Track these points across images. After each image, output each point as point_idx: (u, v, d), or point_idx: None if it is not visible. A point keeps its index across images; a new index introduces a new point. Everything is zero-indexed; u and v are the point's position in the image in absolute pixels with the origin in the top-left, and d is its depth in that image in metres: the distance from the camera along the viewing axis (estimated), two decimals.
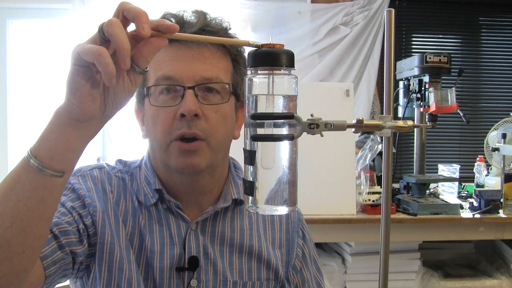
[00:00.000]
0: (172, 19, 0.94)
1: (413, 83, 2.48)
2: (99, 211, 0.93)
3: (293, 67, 0.64)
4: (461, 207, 2.29)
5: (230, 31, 0.99)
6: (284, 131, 0.64)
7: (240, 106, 1.02)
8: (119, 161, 1.06)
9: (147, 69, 0.69)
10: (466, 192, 2.68)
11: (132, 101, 1.00)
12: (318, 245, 2.49)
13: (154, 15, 0.95)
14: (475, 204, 2.31)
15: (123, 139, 2.90)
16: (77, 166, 0.75)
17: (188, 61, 0.92)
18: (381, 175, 0.68)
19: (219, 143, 0.94)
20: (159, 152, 0.95)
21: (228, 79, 0.96)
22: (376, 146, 2.24)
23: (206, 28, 0.93)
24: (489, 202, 2.25)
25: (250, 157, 0.64)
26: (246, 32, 2.92)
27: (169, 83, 0.92)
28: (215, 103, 0.92)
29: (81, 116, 0.66)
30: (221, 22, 0.97)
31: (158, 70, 0.93)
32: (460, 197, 2.59)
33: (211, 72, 0.92)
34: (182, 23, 0.93)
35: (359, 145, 2.36)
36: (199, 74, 0.91)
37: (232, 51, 0.97)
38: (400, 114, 2.60)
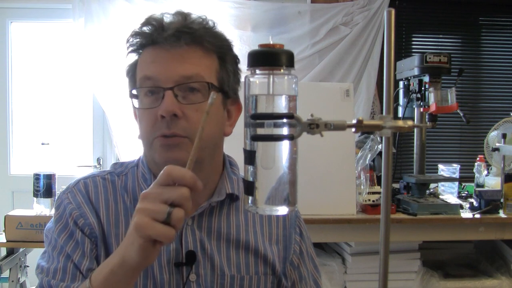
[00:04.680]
0: (154, 22, 0.94)
1: (413, 83, 2.48)
2: (95, 226, 0.96)
3: (293, 67, 0.64)
4: (461, 207, 2.29)
5: (215, 29, 0.97)
6: (284, 131, 0.63)
7: (232, 103, 1.02)
8: (115, 163, 1.08)
9: None
10: (466, 192, 2.68)
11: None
12: (318, 245, 2.49)
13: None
14: (475, 204, 2.30)
15: (123, 140, 2.90)
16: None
17: (167, 62, 0.92)
18: (381, 175, 0.68)
19: (203, 141, 0.93)
20: (146, 149, 0.98)
21: (212, 76, 0.95)
22: (376, 146, 2.24)
23: (183, 29, 0.92)
24: (489, 202, 2.25)
25: (250, 157, 0.64)
26: (246, 32, 2.92)
27: (149, 84, 0.93)
28: (195, 102, 0.92)
29: (148, 265, 0.79)
30: (202, 21, 0.96)
31: (140, 72, 0.95)
32: (460, 197, 2.59)
33: (190, 71, 0.92)
34: (160, 26, 0.93)
35: (359, 145, 2.36)
36: (178, 74, 0.92)
37: (216, 49, 0.96)
38: (400, 114, 2.59)
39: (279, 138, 0.64)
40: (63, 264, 0.93)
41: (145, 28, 0.95)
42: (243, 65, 0.98)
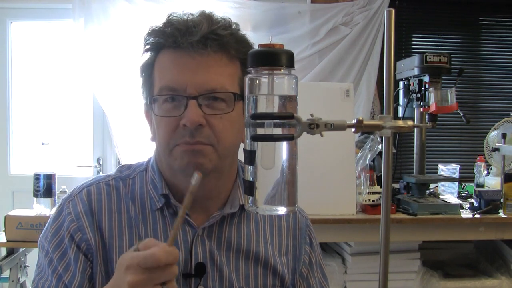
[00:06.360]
0: (177, 24, 0.90)
1: (413, 83, 2.48)
2: (92, 242, 0.93)
3: (293, 67, 0.64)
4: (461, 207, 2.29)
5: (239, 32, 0.95)
6: (284, 131, 0.63)
7: None
8: (122, 166, 1.05)
9: None
10: (466, 192, 2.68)
11: (133, 102, 1.00)
12: None
13: (156, 16, 0.95)
14: (475, 204, 2.30)
15: (123, 140, 2.90)
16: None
17: (192, 70, 0.89)
18: (381, 175, 0.68)
19: (226, 149, 0.92)
20: (163, 156, 0.94)
21: (234, 85, 0.93)
22: (376, 146, 2.24)
23: (210, 35, 0.89)
24: (489, 202, 2.25)
25: (250, 157, 0.64)
26: (246, 32, 2.92)
27: (172, 93, 0.90)
28: (220, 111, 0.90)
29: None
30: (227, 25, 0.93)
31: (162, 79, 0.91)
32: (460, 197, 2.59)
33: (215, 82, 0.90)
34: (185, 30, 0.89)
35: (359, 145, 2.36)
36: (203, 84, 0.89)
37: (240, 55, 0.94)
38: (400, 114, 2.59)
39: (279, 138, 0.64)
40: (55, 284, 0.91)
41: (167, 29, 0.91)
42: None
